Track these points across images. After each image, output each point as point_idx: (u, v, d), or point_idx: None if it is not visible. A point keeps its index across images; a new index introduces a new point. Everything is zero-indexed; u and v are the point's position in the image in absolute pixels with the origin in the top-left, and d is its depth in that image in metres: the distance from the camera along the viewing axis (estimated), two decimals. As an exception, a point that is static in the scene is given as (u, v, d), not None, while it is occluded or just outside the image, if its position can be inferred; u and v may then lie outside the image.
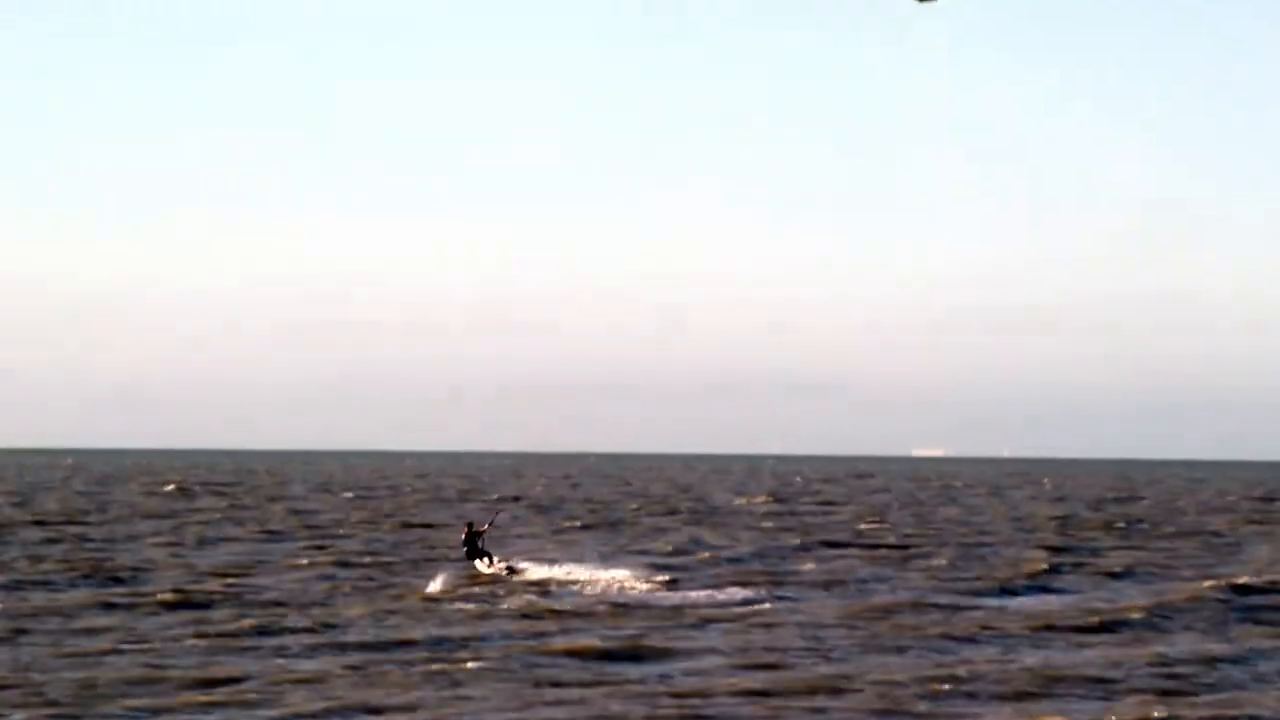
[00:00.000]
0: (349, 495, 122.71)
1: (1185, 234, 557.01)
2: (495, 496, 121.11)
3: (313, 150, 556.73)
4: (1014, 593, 49.38)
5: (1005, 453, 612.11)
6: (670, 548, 64.80)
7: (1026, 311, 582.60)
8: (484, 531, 50.50)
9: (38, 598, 44.91)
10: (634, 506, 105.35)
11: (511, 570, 49.50)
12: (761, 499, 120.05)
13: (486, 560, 49.60)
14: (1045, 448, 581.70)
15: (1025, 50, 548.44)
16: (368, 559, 57.93)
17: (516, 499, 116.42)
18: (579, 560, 52.32)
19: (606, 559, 54.90)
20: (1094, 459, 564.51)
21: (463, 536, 50.71)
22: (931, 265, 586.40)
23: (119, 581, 49.83)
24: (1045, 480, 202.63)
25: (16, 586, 47.59)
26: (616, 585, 47.84)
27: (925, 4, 27.65)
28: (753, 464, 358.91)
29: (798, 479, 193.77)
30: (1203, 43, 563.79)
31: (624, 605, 43.84)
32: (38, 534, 70.26)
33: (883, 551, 64.71)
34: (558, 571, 49.65)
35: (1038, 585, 51.40)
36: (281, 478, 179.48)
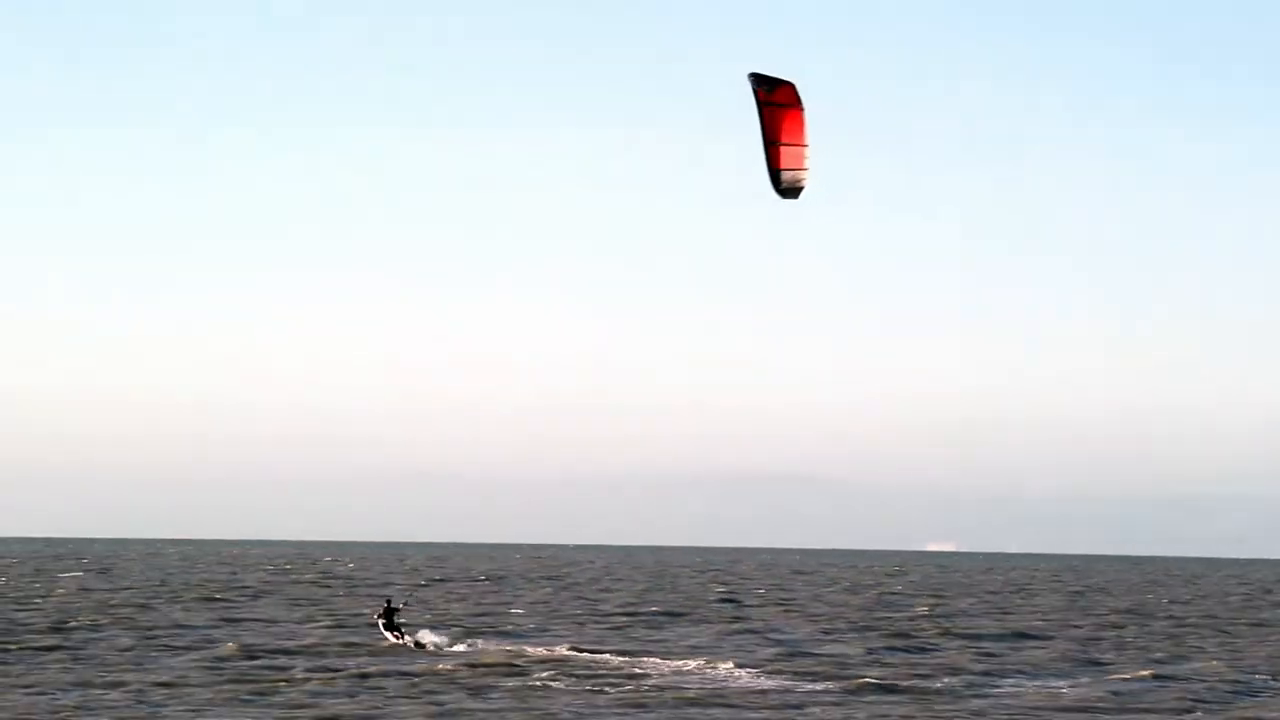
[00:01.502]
0: (458, 585, 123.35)
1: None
2: (595, 586, 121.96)
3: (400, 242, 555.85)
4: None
5: (1013, 548, 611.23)
6: (785, 636, 66.57)
7: (1027, 415, 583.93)
8: (400, 609, 57.94)
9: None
10: (719, 598, 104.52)
11: (419, 645, 55.96)
12: (834, 589, 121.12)
13: (397, 634, 56.48)
14: (1049, 544, 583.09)
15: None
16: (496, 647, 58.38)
17: (607, 590, 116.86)
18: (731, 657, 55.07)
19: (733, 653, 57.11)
20: (1105, 555, 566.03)
21: (381, 610, 57.90)
22: (940, 369, 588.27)
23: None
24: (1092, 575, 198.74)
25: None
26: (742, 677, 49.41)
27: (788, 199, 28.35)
28: (779, 557, 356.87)
29: (870, 574, 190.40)
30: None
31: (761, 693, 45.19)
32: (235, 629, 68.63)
33: (992, 644, 65.02)
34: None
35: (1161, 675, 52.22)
36: (380, 567, 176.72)
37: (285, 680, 47.49)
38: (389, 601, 58.95)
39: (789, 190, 28.14)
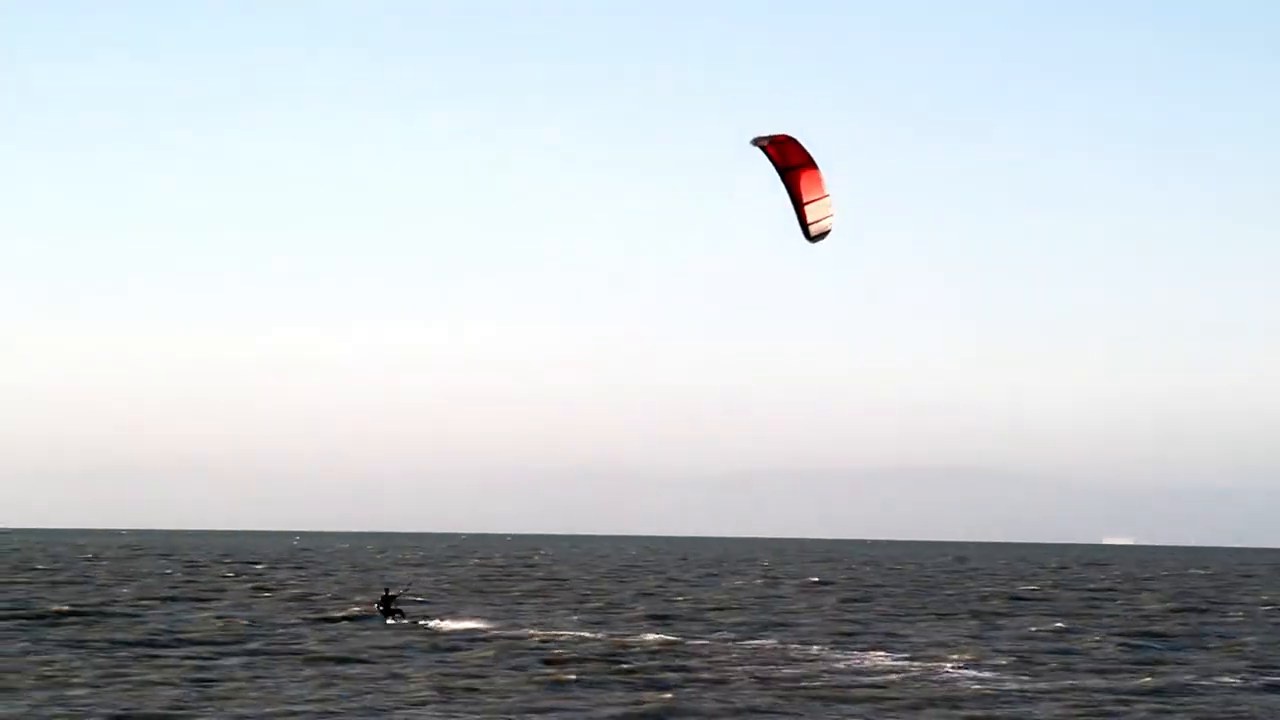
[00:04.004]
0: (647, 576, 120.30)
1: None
2: (812, 580, 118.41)
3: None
4: None
5: (1192, 541, 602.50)
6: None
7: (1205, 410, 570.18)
8: (397, 595, 63.98)
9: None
10: (952, 592, 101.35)
11: (415, 623, 60.89)
12: (1046, 584, 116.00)
13: (398, 616, 61.66)
14: (1222, 536, 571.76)
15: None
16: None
17: (817, 581, 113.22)
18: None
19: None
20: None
21: (381, 596, 63.99)
22: (1114, 366, 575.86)
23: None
24: None
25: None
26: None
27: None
28: (963, 550, 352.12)
29: (1059, 566, 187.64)
30: None
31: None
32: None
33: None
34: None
35: None
36: (541, 558, 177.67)
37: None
38: (387, 590, 65.26)
39: (818, 237, 30.69)
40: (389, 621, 61.20)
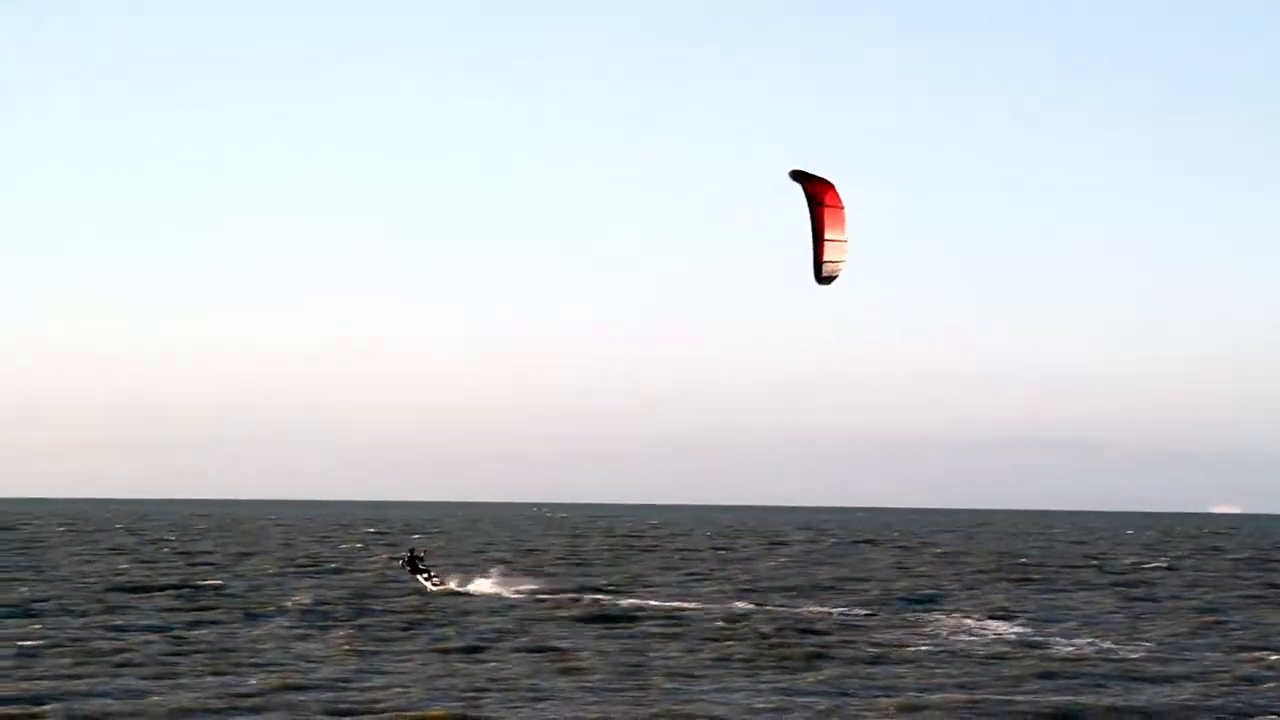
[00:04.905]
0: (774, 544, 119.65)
1: None
2: (943, 550, 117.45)
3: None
4: None
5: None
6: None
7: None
8: (423, 557, 66.89)
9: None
10: (1093, 563, 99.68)
11: (441, 582, 64.59)
12: (1179, 555, 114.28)
13: (425, 575, 64.58)
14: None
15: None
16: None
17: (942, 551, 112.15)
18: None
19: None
20: None
21: (406, 557, 66.96)
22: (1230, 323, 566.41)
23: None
24: None
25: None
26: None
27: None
28: (1073, 519, 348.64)
29: (1183, 535, 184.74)
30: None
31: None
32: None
33: None
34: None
35: None
36: (658, 529, 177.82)
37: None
38: (412, 551, 67.89)
39: (827, 279, 31.69)
40: (420, 579, 64.25)
